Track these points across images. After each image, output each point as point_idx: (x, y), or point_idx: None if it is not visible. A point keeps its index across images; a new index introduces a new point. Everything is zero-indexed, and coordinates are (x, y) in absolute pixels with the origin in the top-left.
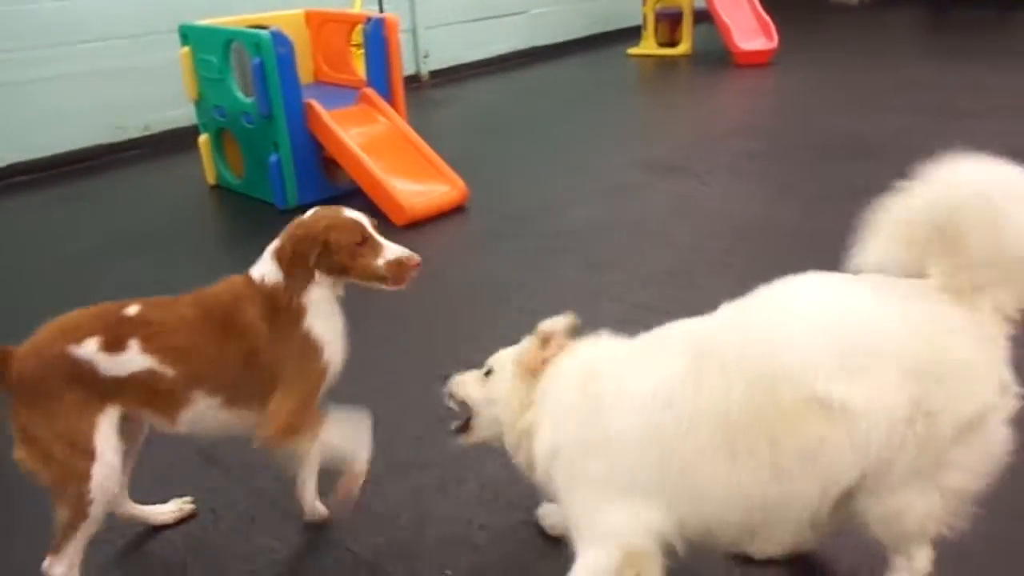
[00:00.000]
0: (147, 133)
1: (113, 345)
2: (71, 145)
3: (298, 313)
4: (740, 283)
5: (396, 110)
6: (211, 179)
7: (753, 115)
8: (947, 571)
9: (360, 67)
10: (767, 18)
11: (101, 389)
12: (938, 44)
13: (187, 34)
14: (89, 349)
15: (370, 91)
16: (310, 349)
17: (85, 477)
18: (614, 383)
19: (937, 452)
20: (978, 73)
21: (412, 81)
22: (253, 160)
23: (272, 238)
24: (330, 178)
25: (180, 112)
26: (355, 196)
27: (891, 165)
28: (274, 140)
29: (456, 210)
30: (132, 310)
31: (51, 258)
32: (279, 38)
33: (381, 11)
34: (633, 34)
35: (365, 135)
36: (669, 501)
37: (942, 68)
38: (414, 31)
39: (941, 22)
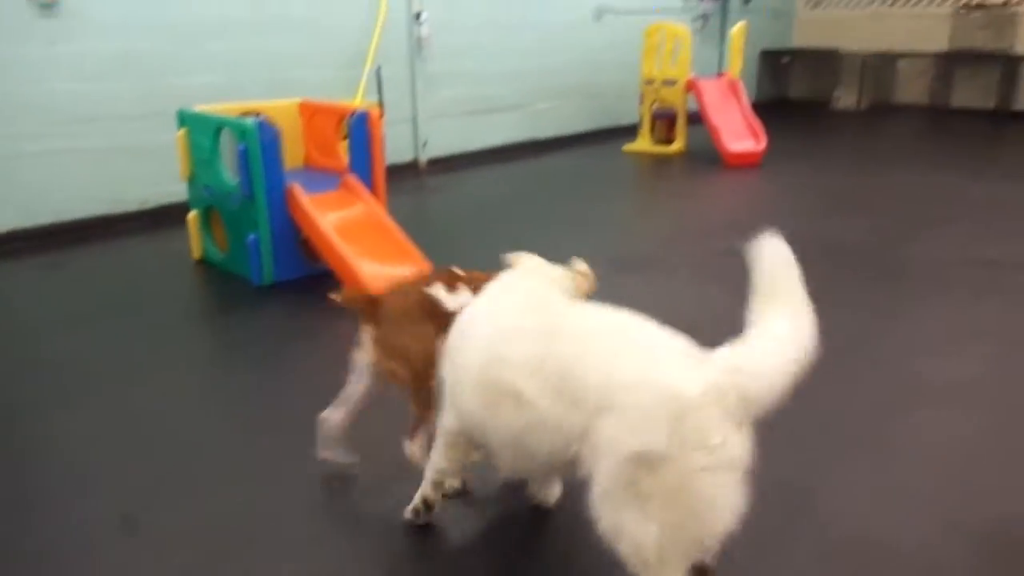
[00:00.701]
0: (143, 208)
1: (451, 289)
2: (70, 215)
3: None
4: None
5: (377, 196)
6: (197, 254)
7: (734, 214)
8: None
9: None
10: (756, 121)
11: (443, 320)
12: (926, 152)
13: (184, 118)
14: (438, 290)
15: (352, 178)
16: None
17: (433, 382)
18: (467, 324)
19: (617, 478)
20: (958, 182)
21: (410, 168)
22: (235, 238)
23: (244, 312)
24: (309, 258)
25: (175, 189)
26: (329, 275)
27: (854, 267)
28: (254, 220)
29: None
30: (458, 271)
31: (35, 321)
32: (264, 127)
33: (381, 102)
34: (631, 131)
35: (342, 219)
36: (459, 417)
37: (925, 175)
38: (414, 120)
39: (934, 131)
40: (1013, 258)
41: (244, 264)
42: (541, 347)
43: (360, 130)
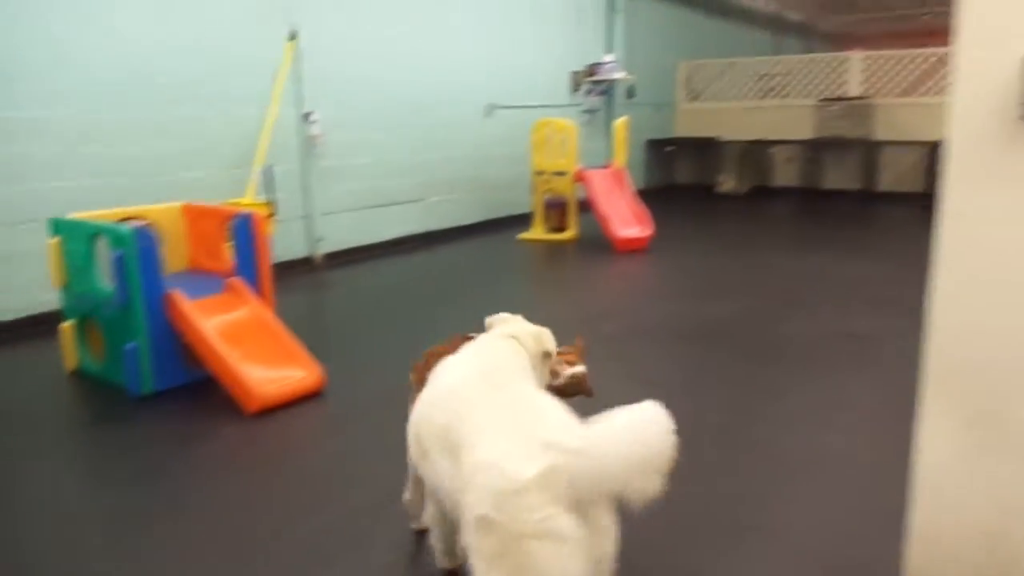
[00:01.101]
0: (12, 317)
1: None
2: None
3: None
4: None
5: (263, 297)
6: (71, 365)
7: (618, 298)
8: None
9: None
10: (642, 208)
11: None
12: (801, 232)
13: (57, 226)
14: None
15: (237, 280)
16: None
17: None
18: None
19: (468, 536)
20: (828, 261)
21: (305, 264)
22: (112, 347)
23: (120, 424)
24: (192, 364)
25: (48, 298)
26: (212, 382)
27: (731, 347)
28: (132, 328)
29: (313, 395)
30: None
31: None
32: (141, 233)
33: (273, 201)
34: (525, 220)
35: (226, 323)
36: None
37: (799, 256)
38: (308, 217)
39: (808, 211)
40: (875, 332)
41: (122, 374)
42: (450, 418)
43: (244, 232)
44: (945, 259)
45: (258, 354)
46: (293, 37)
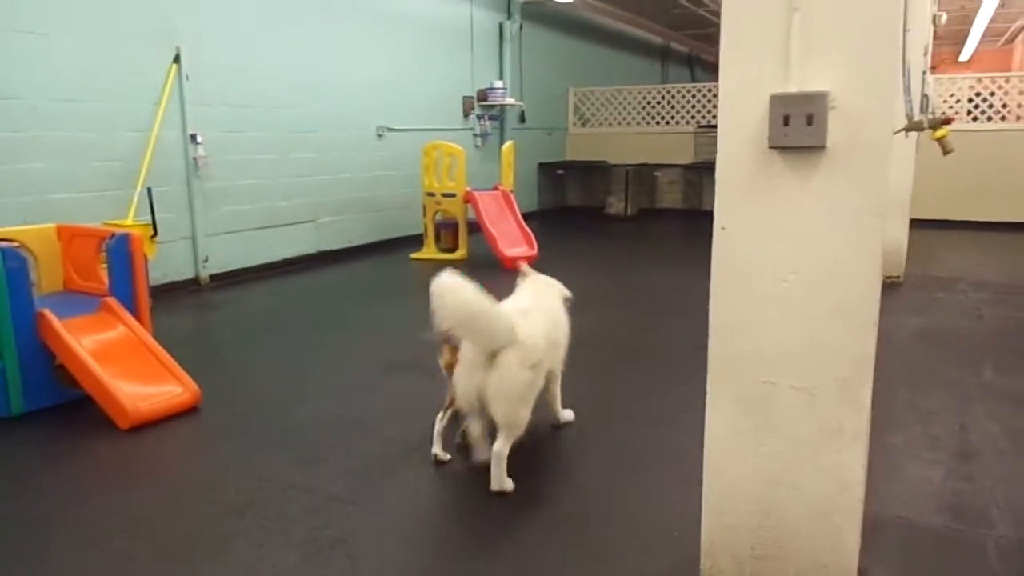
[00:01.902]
0: None
1: None
2: None
3: None
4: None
5: (139, 317)
6: None
7: None
8: None
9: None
10: (528, 229)
11: None
12: (676, 252)
13: None
14: None
15: (111, 300)
16: None
17: None
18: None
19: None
20: (696, 277)
21: (191, 284)
22: None
23: None
24: (66, 384)
25: None
26: (87, 400)
27: (595, 355)
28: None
29: (189, 411)
30: None
31: None
32: (9, 253)
33: (153, 222)
34: (417, 240)
35: (99, 342)
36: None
37: (670, 272)
38: (194, 238)
39: (687, 231)
40: None
41: None
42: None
43: (120, 252)
44: (716, 267)
45: (132, 372)
46: (177, 59)
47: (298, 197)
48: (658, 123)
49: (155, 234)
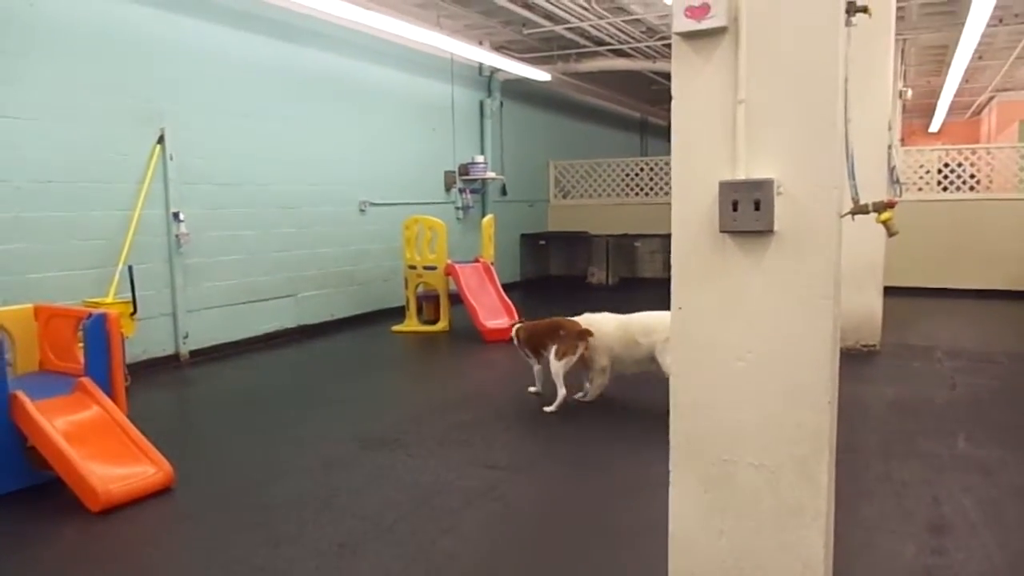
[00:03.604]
0: None
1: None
2: None
3: None
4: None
5: (115, 397)
6: None
7: (479, 385)
8: None
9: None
10: (508, 301)
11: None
12: None
13: None
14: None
15: (86, 380)
16: None
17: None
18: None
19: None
20: None
21: (171, 360)
22: None
23: None
24: (38, 465)
25: None
26: (57, 482)
27: (573, 427)
28: None
29: (162, 491)
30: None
31: None
32: None
33: (134, 299)
34: (399, 313)
35: (73, 423)
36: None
37: None
38: (174, 315)
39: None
40: None
41: None
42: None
43: (96, 332)
44: (676, 345)
45: (104, 453)
46: (161, 139)
47: (279, 272)
48: (637, 194)
49: (135, 311)
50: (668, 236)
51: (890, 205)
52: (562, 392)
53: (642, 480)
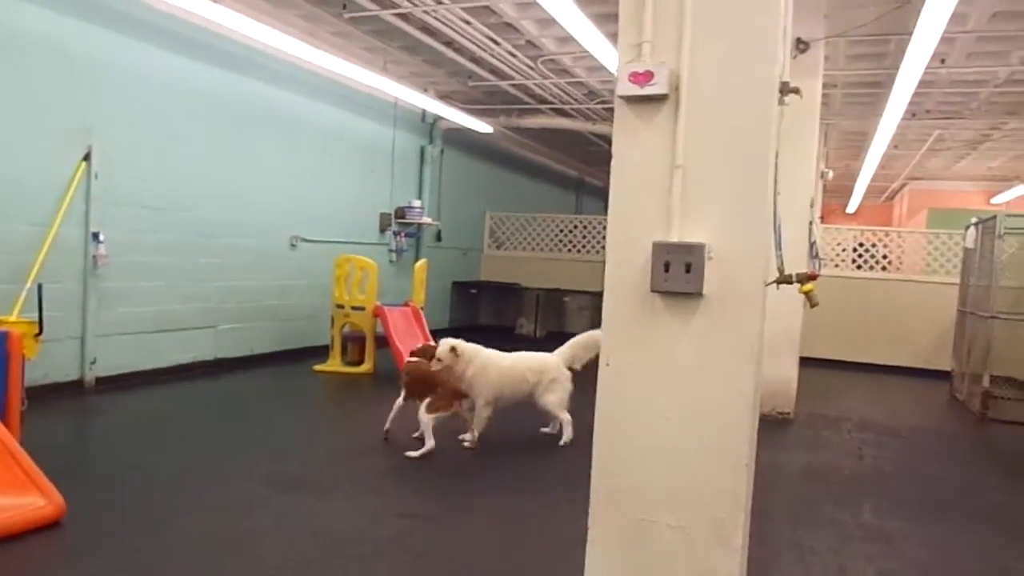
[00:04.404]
0: None
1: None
2: None
3: None
4: None
5: (8, 421)
6: None
7: (399, 431)
8: None
9: None
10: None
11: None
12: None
13: None
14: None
15: None
16: None
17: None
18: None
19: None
20: (589, 402)
21: (75, 386)
22: None
23: None
24: None
25: None
26: None
27: (491, 475)
28: None
29: (51, 525)
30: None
31: None
32: None
33: (40, 320)
34: (323, 352)
35: None
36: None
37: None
38: (83, 339)
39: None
40: None
41: None
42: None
43: None
44: (601, 402)
45: None
46: (87, 157)
47: (200, 301)
48: (570, 251)
49: (40, 332)
50: (597, 294)
51: (812, 277)
52: (431, 443)
53: (558, 534)
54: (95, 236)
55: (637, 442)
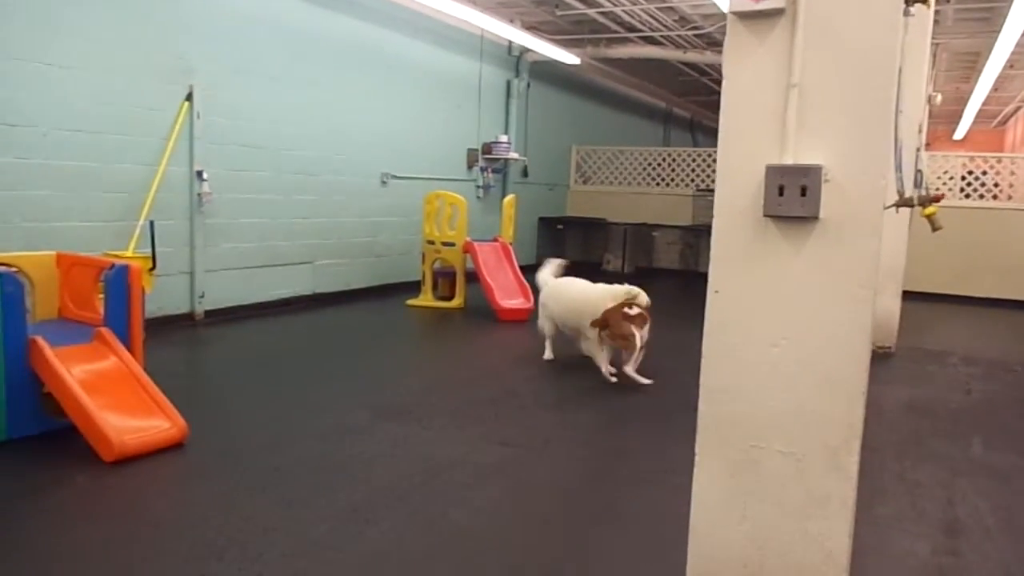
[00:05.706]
0: None
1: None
2: None
3: None
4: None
5: (132, 349)
6: None
7: (495, 364)
8: None
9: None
10: (525, 282)
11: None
12: (672, 311)
13: None
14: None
15: (105, 330)
16: None
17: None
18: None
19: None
20: (690, 338)
21: (186, 319)
22: None
23: None
24: (53, 412)
25: None
26: (72, 430)
27: (586, 413)
28: None
29: (175, 446)
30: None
31: None
32: (7, 278)
33: (153, 255)
34: (415, 287)
35: (90, 372)
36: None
37: (664, 332)
38: (192, 274)
39: (684, 292)
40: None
41: None
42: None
43: (118, 283)
44: (708, 330)
45: (120, 404)
46: (189, 97)
47: (298, 238)
48: (658, 184)
49: (154, 267)
50: (686, 228)
51: (936, 199)
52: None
53: (659, 466)
54: (199, 174)
55: (745, 369)
